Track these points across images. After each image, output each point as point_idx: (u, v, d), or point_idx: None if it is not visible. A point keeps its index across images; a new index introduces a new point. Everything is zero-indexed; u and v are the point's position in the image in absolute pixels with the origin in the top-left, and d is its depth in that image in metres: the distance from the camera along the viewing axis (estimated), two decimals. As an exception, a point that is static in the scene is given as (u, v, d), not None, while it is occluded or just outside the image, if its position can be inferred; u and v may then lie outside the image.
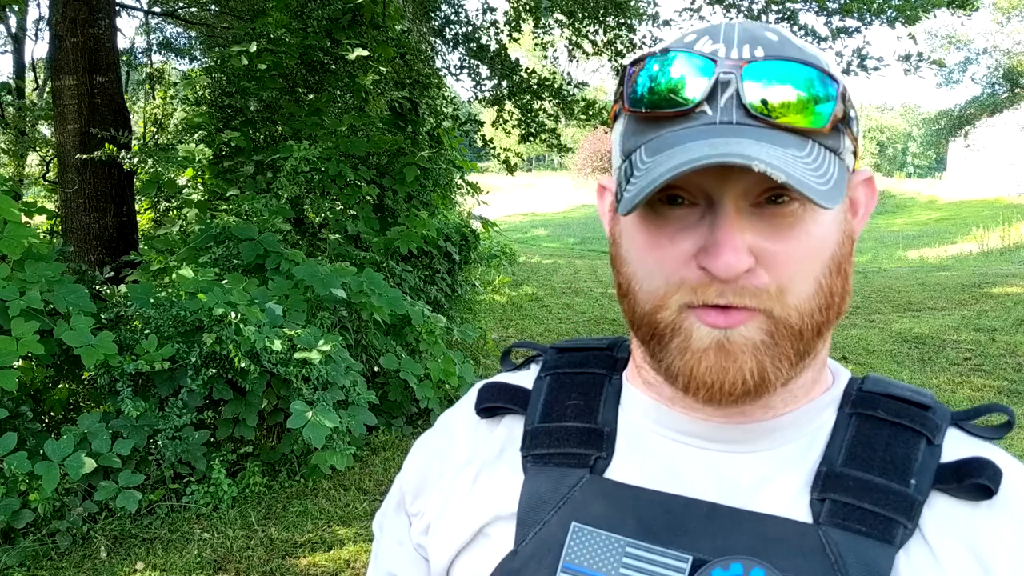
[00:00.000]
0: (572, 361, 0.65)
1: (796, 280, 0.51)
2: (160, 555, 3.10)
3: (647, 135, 0.53)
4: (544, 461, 0.59)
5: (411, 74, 6.13)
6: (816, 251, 0.52)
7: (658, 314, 0.53)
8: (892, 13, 7.72)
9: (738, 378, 0.51)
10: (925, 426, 0.56)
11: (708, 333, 0.51)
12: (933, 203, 24.58)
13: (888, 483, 0.53)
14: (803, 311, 0.52)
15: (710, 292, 0.50)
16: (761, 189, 0.50)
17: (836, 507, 0.52)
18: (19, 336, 3.04)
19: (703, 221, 0.51)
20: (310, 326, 3.88)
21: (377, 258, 5.31)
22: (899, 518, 0.51)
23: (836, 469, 0.54)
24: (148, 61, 9.40)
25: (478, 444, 0.64)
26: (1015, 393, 5.19)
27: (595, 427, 0.60)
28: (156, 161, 4.99)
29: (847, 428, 0.56)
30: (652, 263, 0.53)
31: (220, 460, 3.57)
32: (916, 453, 0.54)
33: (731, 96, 0.50)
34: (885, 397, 0.58)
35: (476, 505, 0.61)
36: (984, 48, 26.17)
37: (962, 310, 7.87)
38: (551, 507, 0.57)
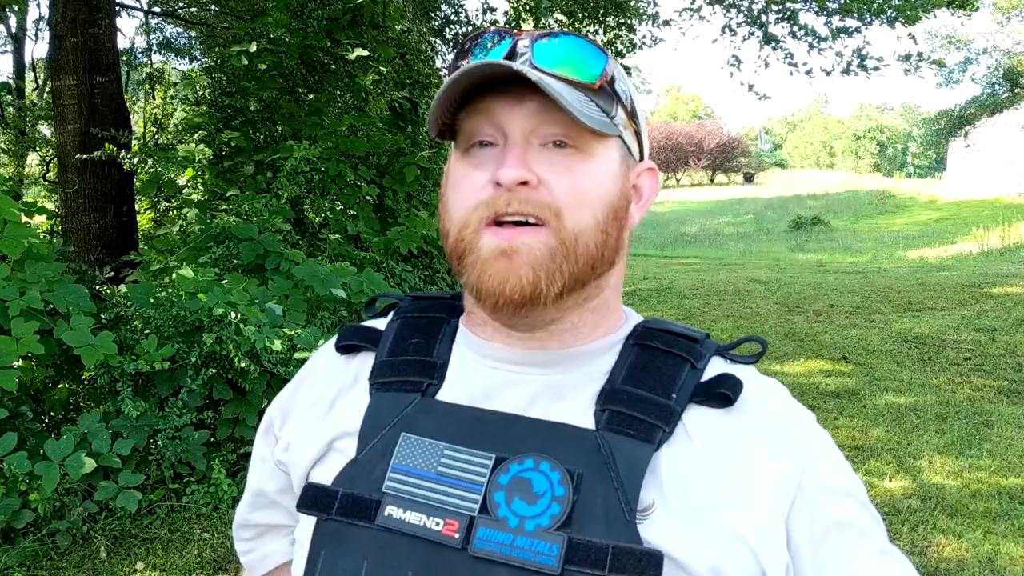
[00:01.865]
0: (420, 307, 0.77)
1: (574, 205, 0.63)
2: (160, 555, 3.10)
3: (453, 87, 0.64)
4: (386, 388, 0.70)
5: (411, 74, 6.14)
6: (594, 190, 0.64)
7: (461, 235, 0.64)
8: (892, 13, 7.72)
9: (517, 285, 0.62)
10: (691, 354, 0.68)
11: (495, 242, 0.62)
12: (933, 203, 24.57)
13: (654, 396, 0.65)
14: (579, 236, 0.63)
15: (500, 202, 0.62)
16: (548, 133, 0.63)
17: (612, 416, 0.64)
18: (19, 336, 3.04)
19: (500, 154, 0.63)
20: (310, 326, 3.88)
21: (377, 258, 5.30)
22: (659, 423, 0.63)
23: (616, 387, 0.66)
24: (148, 61, 9.40)
25: (336, 374, 0.76)
26: (1015, 393, 5.19)
27: (430, 360, 0.71)
28: (156, 161, 4.99)
29: (629, 355, 0.69)
30: (460, 192, 0.65)
31: (220, 460, 3.57)
32: (680, 374, 0.67)
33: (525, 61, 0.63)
34: (662, 332, 0.70)
35: (329, 424, 0.72)
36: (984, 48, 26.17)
37: (962, 310, 7.87)
38: (388, 424, 0.68)
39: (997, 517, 3.41)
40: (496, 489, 0.62)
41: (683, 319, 7.74)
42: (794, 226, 20.66)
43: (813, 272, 11.57)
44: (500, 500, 0.61)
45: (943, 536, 3.24)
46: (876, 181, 33.22)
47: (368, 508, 0.64)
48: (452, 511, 0.62)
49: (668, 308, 8.56)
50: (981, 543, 3.17)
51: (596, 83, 0.64)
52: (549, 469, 0.61)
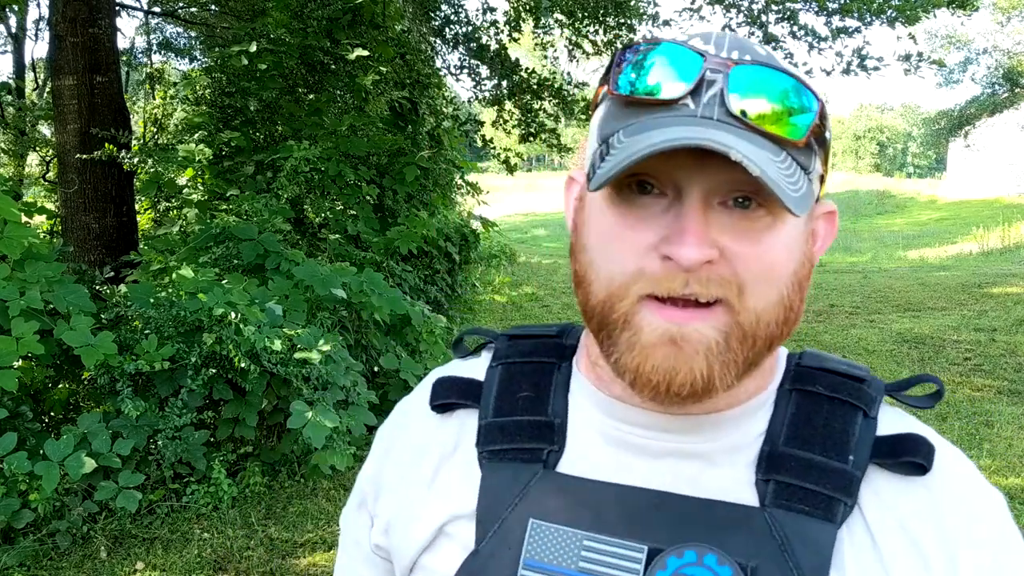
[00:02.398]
0: (522, 350, 0.66)
1: (760, 283, 0.51)
2: (160, 555, 3.10)
3: (627, 120, 0.52)
4: (499, 457, 0.60)
5: (411, 74, 6.13)
6: (782, 262, 0.53)
7: (612, 304, 0.53)
8: (892, 13, 7.71)
9: (687, 379, 0.51)
10: (861, 399, 0.58)
11: (660, 326, 0.51)
12: (933, 203, 24.57)
13: (828, 460, 0.55)
14: (760, 316, 0.52)
15: (674, 282, 0.50)
16: (731, 188, 0.51)
17: (780, 488, 0.54)
18: (19, 336, 3.04)
19: (668, 212, 0.51)
20: (310, 326, 3.88)
21: (377, 258, 5.30)
22: (840, 496, 0.53)
23: (778, 449, 0.56)
24: (148, 61, 9.39)
25: (433, 440, 0.65)
26: (1015, 393, 5.19)
27: (546, 420, 0.61)
28: (156, 161, 4.99)
29: (787, 405, 0.58)
30: (612, 251, 0.53)
31: (220, 460, 3.57)
32: (853, 427, 0.56)
33: (715, 95, 0.50)
34: (822, 372, 0.60)
35: (435, 504, 0.62)
36: (984, 48, 26.17)
37: (962, 310, 7.87)
38: (508, 504, 0.57)
39: (997, 517, 3.41)
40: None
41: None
42: (794, 226, 20.61)
43: (813, 272, 11.54)
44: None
45: (943, 536, 3.24)
46: (876, 181, 33.18)
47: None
48: None
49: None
50: (981, 543, 3.17)
51: (803, 140, 0.51)
52: (716, 563, 0.52)
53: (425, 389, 0.69)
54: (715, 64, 0.51)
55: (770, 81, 0.51)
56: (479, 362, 0.68)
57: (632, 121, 0.52)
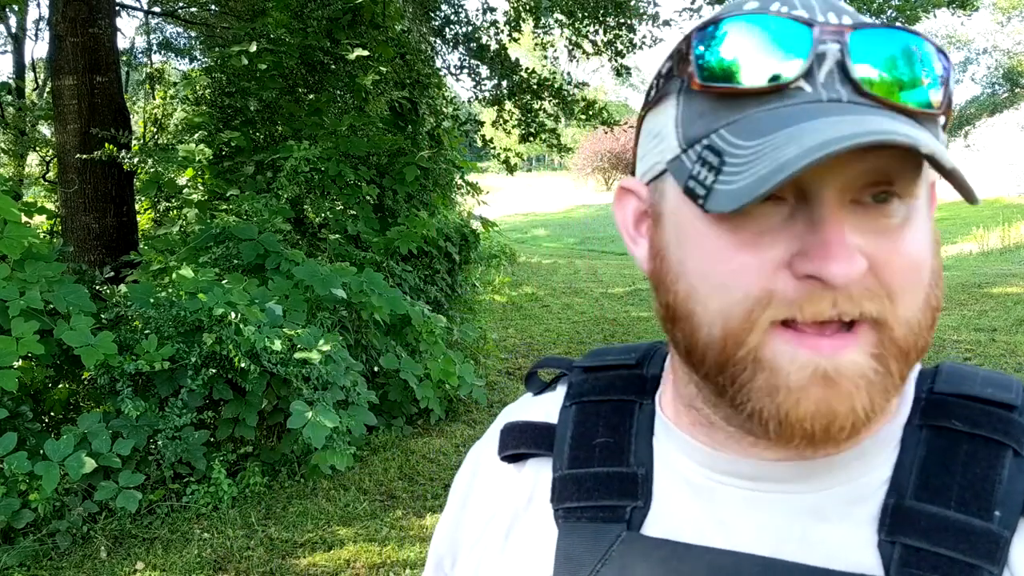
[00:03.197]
0: (598, 386, 0.58)
1: (908, 289, 0.43)
2: (160, 555, 3.10)
3: (726, 116, 0.44)
4: (576, 516, 0.53)
5: (411, 74, 6.14)
6: (923, 259, 0.44)
7: (738, 339, 0.43)
8: (892, 13, 7.72)
9: (848, 420, 0.42)
10: (1009, 434, 0.47)
11: (808, 362, 0.42)
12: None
13: (967, 519, 0.45)
14: (913, 326, 0.43)
15: (822, 305, 0.41)
16: (866, 181, 0.42)
17: (908, 553, 0.45)
18: (19, 336, 3.04)
19: (794, 220, 0.42)
20: (310, 326, 3.88)
21: (377, 258, 5.30)
22: (982, 563, 0.44)
23: (906, 503, 0.46)
24: (148, 61, 9.40)
25: (505, 492, 0.59)
26: (1015, 393, 5.19)
27: (628, 471, 0.53)
28: (156, 161, 4.99)
29: (916, 446, 0.48)
30: (726, 275, 0.43)
31: (220, 460, 3.57)
32: (1000, 472, 0.46)
33: (831, 70, 0.42)
34: (960, 399, 0.49)
35: (510, 565, 0.56)
36: (984, 48, 26.19)
37: (962, 310, 7.87)
38: (588, 570, 0.51)
39: (997, 517, 3.41)
40: None
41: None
42: (794, 226, 20.65)
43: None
44: None
45: (943, 536, 3.24)
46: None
47: None
48: None
49: (668, 308, 8.55)
50: (981, 543, 3.17)
51: (941, 111, 0.44)
52: None
53: (495, 436, 0.62)
54: (827, 33, 0.42)
55: (897, 45, 0.43)
56: (553, 398, 0.61)
57: (736, 116, 0.43)
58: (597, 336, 7.18)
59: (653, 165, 0.49)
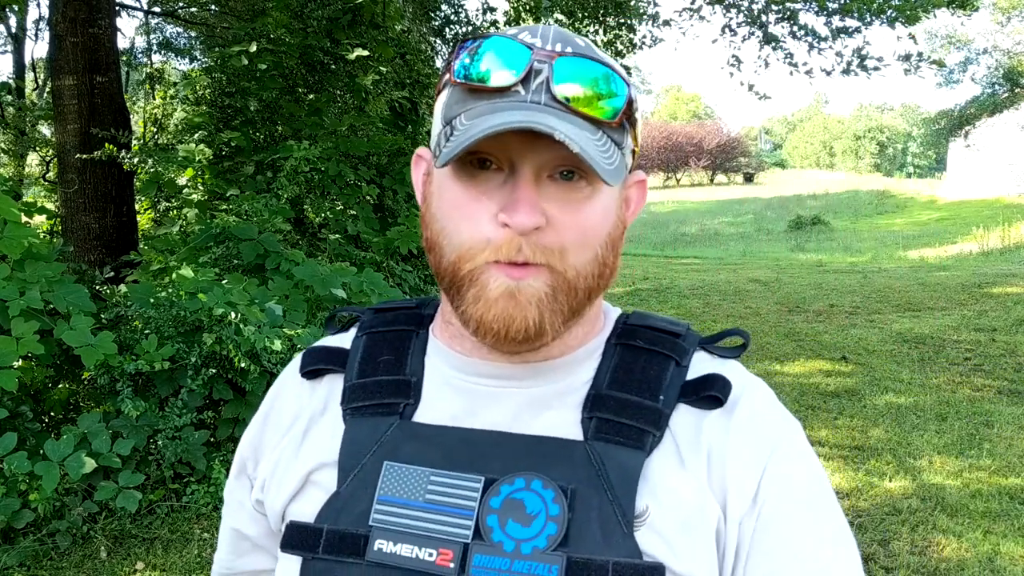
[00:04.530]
0: (384, 320, 0.74)
1: (577, 245, 0.61)
2: (160, 555, 3.10)
3: (467, 105, 0.61)
4: (361, 413, 0.67)
5: (411, 74, 6.14)
6: (597, 226, 0.62)
7: (462, 264, 0.61)
8: (892, 13, 7.72)
9: (522, 326, 0.60)
10: (675, 351, 0.68)
11: (503, 283, 0.60)
12: (933, 203, 24.57)
13: (641, 400, 0.64)
14: (580, 271, 0.61)
15: (512, 247, 0.59)
16: (557, 163, 0.59)
17: (600, 424, 0.63)
18: (19, 336, 3.04)
19: (505, 185, 0.60)
20: (310, 326, 3.89)
21: (377, 258, 5.31)
22: (649, 428, 0.63)
23: (602, 392, 0.65)
24: (148, 61, 9.39)
25: (304, 403, 0.73)
26: (1015, 393, 5.19)
27: (403, 378, 0.69)
28: (156, 161, 4.99)
29: (612, 357, 0.68)
30: (460, 219, 0.61)
31: (220, 460, 3.57)
32: (666, 374, 0.66)
33: (542, 82, 0.59)
34: (644, 328, 0.70)
35: (304, 456, 0.69)
36: (984, 48, 26.18)
37: (962, 310, 7.87)
38: (368, 452, 0.65)
39: (997, 517, 3.41)
40: (488, 513, 0.60)
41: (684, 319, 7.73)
42: (794, 226, 20.67)
43: (813, 272, 11.57)
44: (494, 524, 0.60)
45: (943, 536, 3.24)
46: (876, 181, 33.22)
47: (356, 543, 0.62)
48: (444, 540, 0.60)
49: (668, 308, 8.56)
50: (981, 543, 3.17)
51: (616, 120, 0.61)
52: (541, 487, 0.60)
53: (296, 362, 0.76)
54: (542, 56, 0.60)
55: (588, 70, 0.60)
56: (347, 335, 0.76)
57: (472, 106, 0.60)
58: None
59: (433, 138, 0.66)
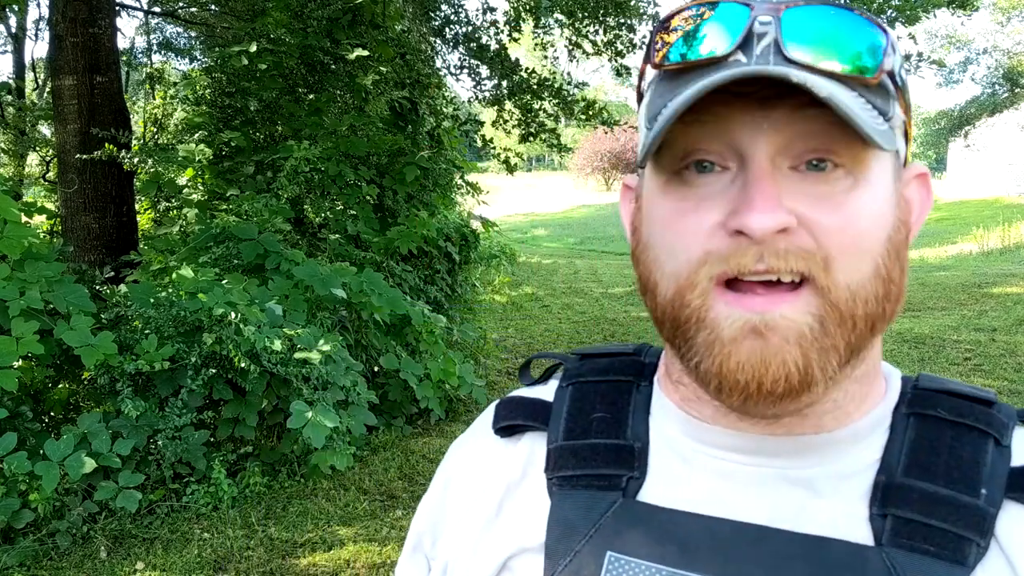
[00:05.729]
0: (596, 368, 0.59)
1: (849, 254, 0.44)
2: (160, 555, 3.10)
3: (673, 92, 0.46)
4: (571, 484, 0.54)
5: (411, 74, 6.13)
6: (871, 228, 0.45)
7: (682, 298, 0.46)
8: (892, 13, 7.72)
9: (780, 373, 0.44)
10: (991, 425, 0.50)
11: (741, 317, 0.44)
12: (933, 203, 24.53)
13: (956, 494, 0.47)
14: (856, 292, 0.45)
15: (747, 257, 0.44)
16: (803, 147, 0.44)
17: (899, 524, 0.47)
18: (19, 336, 3.04)
19: (733, 186, 0.45)
20: (310, 326, 3.88)
21: (377, 258, 5.30)
22: (970, 535, 0.46)
23: (896, 480, 0.48)
24: (148, 61, 9.39)
25: (498, 467, 0.59)
26: (1015, 393, 5.19)
27: (624, 443, 0.54)
28: (156, 161, 4.99)
29: (905, 431, 0.50)
30: (673, 239, 0.47)
31: (220, 460, 3.57)
32: (984, 456, 0.49)
33: (768, 44, 0.44)
34: (944, 394, 0.52)
35: (499, 536, 0.56)
36: (984, 48, 26.17)
37: (962, 310, 7.87)
38: (582, 536, 0.51)
39: (997, 517, 3.40)
40: None
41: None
42: (794, 226, 20.64)
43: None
44: None
45: (943, 536, 3.23)
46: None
47: None
48: None
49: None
50: (981, 543, 3.17)
51: (875, 78, 0.44)
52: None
53: (487, 417, 0.62)
54: (763, 11, 0.45)
55: (828, 20, 0.44)
56: (547, 387, 0.62)
57: (682, 88, 0.45)
58: (597, 336, 7.18)
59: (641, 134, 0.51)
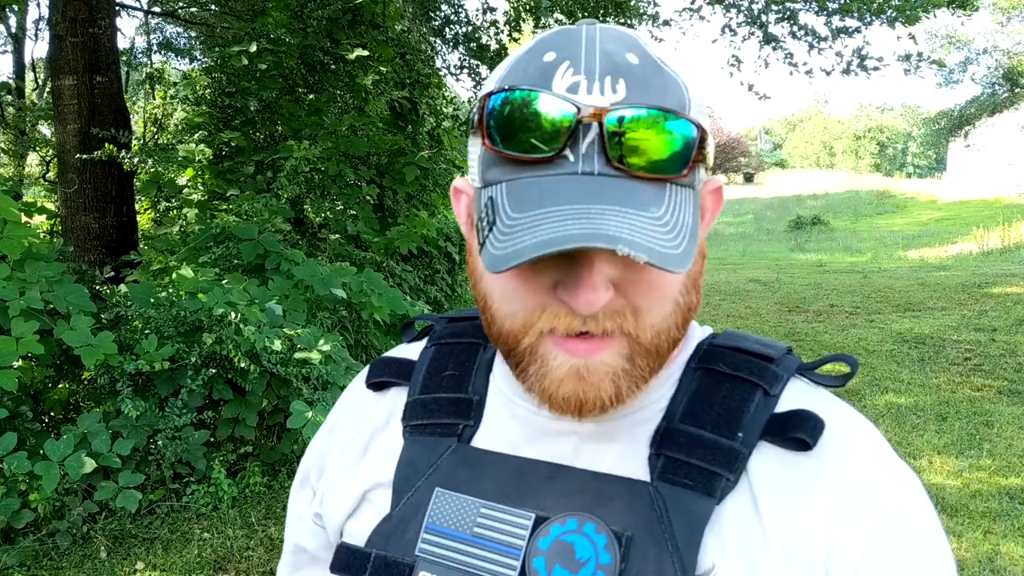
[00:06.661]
0: (455, 331, 0.70)
1: (652, 303, 0.53)
2: (160, 555, 3.10)
3: (508, 173, 0.52)
4: (420, 431, 0.64)
5: (411, 74, 6.13)
6: (672, 278, 0.53)
7: (517, 338, 0.55)
8: (892, 13, 7.72)
9: (596, 403, 0.54)
10: (763, 378, 0.59)
11: (566, 361, 0.53)
12: (933, 203, 24.57)
13: (716, 438, 0.57)
14: (659, 329, 0.54)
15: (573, 322, 0.52)
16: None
17: (668, 463, 0.57)
18: (19, 336, 3.04)
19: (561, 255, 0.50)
20: (310, 326, 3.88)
21: (377, 258, 5.31)
22: (722, 471, 0.56)
23: (673, 426, 0.58)
24: (148, 61, 9.38)
25: (367, 416, 0.70)
26: (1015, 393, 5.19)
27: (465, 397, 0.65)
28: (156, 161, 4.99)
29: (690, 383, 0.60)
30: (509, 291, 0.54)
31: (220, 460, 3.57)
32: (749, 405, 0.58)
33: (592, 141, 0.49)
34: (731, 350, 0.61)
35: (362, 473, 0.66)
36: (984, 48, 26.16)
37: (962, 310, 7.87)
38: (422, 474, 0.62)
39: (997, 517, 3.41)
40: (536, 554, 0.56)
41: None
42: (794, 226, 20.66)
43: (813, 272, 11.57)
44: (540, 567, 0.56)
45: (943, 536, 3.24)
46: (876, 181, 33.19)
47: (401, 573, 0.59)
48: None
49: (668, 308, 8.56)
50: (981, 543, 3.17)
51: (684, 174, 0.51)
52: (594, 532, 0.55)
53: (363, 373, 0.73)
54: (589, 111, 0.49)
55: (646, 124, 0.49)
56: (420, 344, 0.72)
57: (512, 176, 0.51)
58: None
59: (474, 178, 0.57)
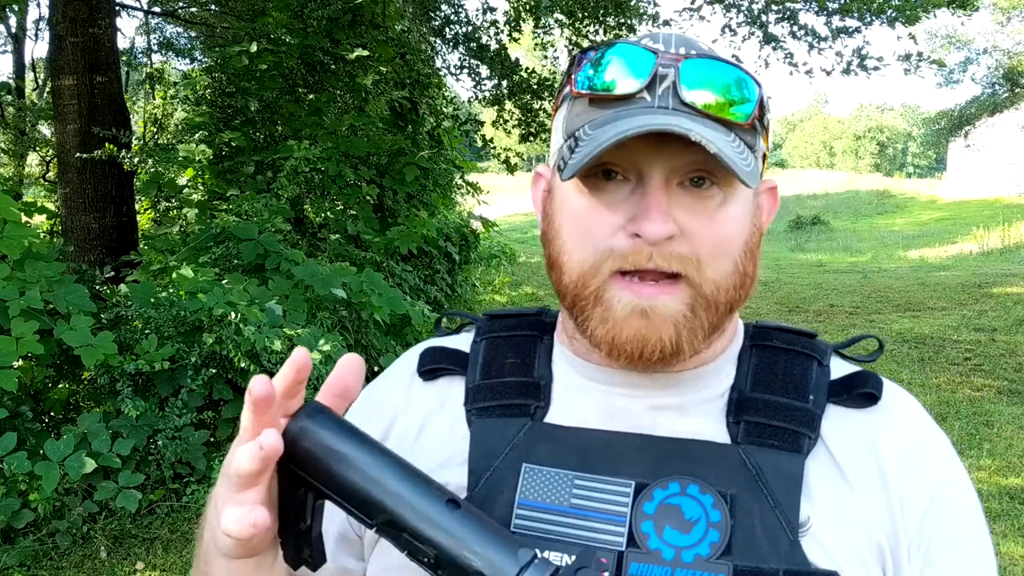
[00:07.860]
0: (505, 326, 0.71)
1: (715, 256, 0.58)
2: (160, 555, 3.10)
3: (591, 116, 0.58)
4: (488, 413, 0.64)
5: (411, 74, 6.14)
6: (733, 235, 0.59)
7: (586, 282, 0.58)
8: (892, 13, 7.72)
9: (656, 346, 0.57)
10: (815, 351, 0.65)
11: (631, 302, 0.57)
12: (933, 203, 24.56)
13: (791, 401, 0.61)
14: (719, 284, 0.58)
15: (640, 256, 0.56)
16: (688, 169, 0.57)
17: (750, 427, 0.60)
18: (19, 336, 3.03)
19: (633, 195, 0.57)
20: (310, 326, 3.88)
21: (377, 258, 5.31)
22: (804, 430, 0.60)
23: (746, 394, 0.62)
24: (148, 61, 9.39)
25: (419, 398, 0.69)
26: (1015, 393, 5.19)
27: (532, 380, 0.65)
28: (156, 161, 4.99)
29: (750, 359, 0.65)
30: (584, 234, 0.59)
31: (220, 460, 3.57)
32: (810, 373, 0.63)
33: (668, 87, 0.57)
34: (777, 331, 0.67)
35: (422, 453, 0.64)
36: (984, 48, 26.15)
37: (962, 310, 7.86)
38: (499, 454, 0.61)
39: (997, 517, 3.41)
40: (642, 519, 0.57)
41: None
42: (794, 226, 20.65)
43: (813, 272, 11.56)
44: (649, 530, 0.57)
45: (943, 536, 3.23)
46: (876, 181, 33.17)
47: None
48: (596, 547, 0.57)
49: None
50: (981, 543, 3.17)
51: (748, 122, 0.58)
52: (699, 492, 0.57)
53: (411, 357, 0.72)
54: (667, 59, 0.57)
55: (716, 72, 0.57)
56: (462, 338, 0.72)
57: (595, 116, 0.58)
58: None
59: (554, 154, 0.64)
